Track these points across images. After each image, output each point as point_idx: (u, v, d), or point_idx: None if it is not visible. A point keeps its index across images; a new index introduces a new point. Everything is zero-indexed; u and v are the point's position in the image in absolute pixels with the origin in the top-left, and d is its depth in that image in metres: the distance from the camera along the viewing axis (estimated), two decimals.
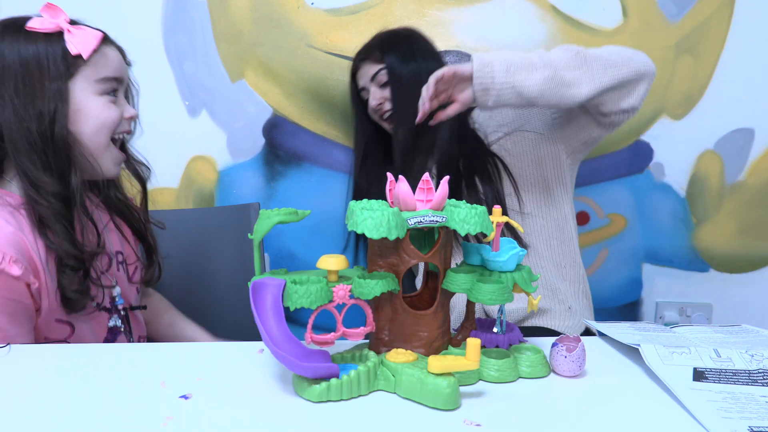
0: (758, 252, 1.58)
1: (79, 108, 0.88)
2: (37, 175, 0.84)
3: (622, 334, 0.77)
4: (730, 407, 0.59)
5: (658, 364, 0.67)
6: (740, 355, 0.69)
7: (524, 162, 1.20)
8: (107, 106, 0.91)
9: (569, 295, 1.18)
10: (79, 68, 0.88)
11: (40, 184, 0.84)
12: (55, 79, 0.86)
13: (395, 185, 0.68)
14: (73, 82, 0.88)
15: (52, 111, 0.85)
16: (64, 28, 0.88)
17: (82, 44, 0.88)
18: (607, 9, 1.47)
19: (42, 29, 0.87)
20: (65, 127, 0.86)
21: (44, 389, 0.64)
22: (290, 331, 0.62)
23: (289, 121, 1.48)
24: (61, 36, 0.88)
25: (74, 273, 0.86)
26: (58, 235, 0.85)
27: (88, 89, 0.89)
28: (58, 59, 0.86)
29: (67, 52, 0.87)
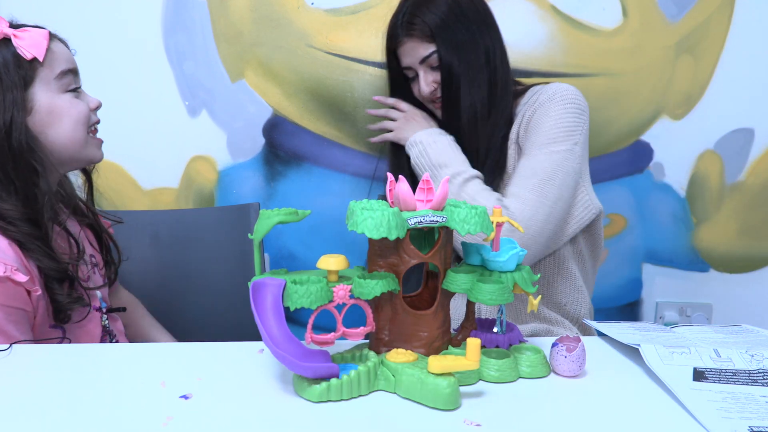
0: (758, 252, 1.58)
1: (49, 110, 0.86)
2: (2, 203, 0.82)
3: (622, 334, 0.77)
4: (730, 407, 0.59)
5: (658, 364, 0.67)
6: (740, 355, 0.69)
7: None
8: (74, 103, 0.89)
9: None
10: (35, 72, 0.85)
11: (3, 212, 0.82)
12: (10, 89, 0.83)
13: (395, 185, 0.68)
14: (33, 88, 0.85)
15: (7, 123, 0.82)
16: (9, 34, 0.84)
17: (33, 46, 0.85)
18: (607, 9, 1.47)
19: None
20: (25, 136, 0.83)
21: (44, 389, 0.64)
22: (290, 331, 0.62)
23: (289, 121, 1.48)
24: (9, 43, 0.84)
25: (60, 285, 0.86)
26: (36, 254, 0.83)
27: (51, 89, 0.87)
28: (10, 68, 0.83)
29: (19, 59, 0.84)
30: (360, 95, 1.47)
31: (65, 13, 1.41)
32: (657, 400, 0.63)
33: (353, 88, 1.47)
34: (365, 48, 1.46)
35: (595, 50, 1.48)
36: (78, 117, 0.89)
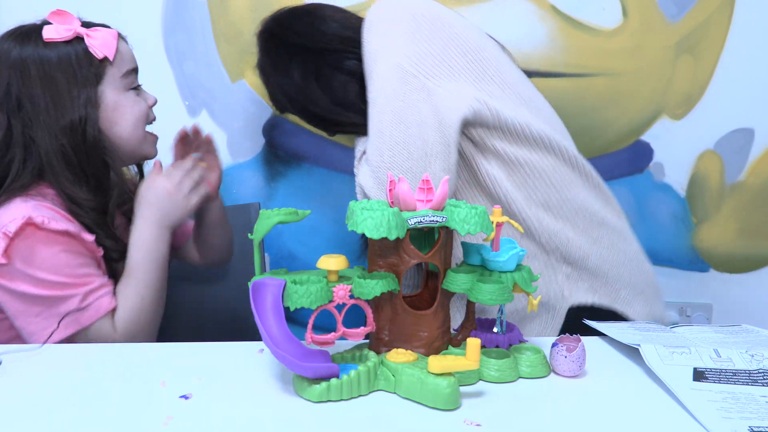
0: (758, 252, 1.58)
1: (115, 108, 0.91)
2: (76, 193, 0.88)
3: (622, 334, 0.77)
4: (731, 407, 0.59)
5: (658, 364, 0.67)
6: (740, 355, 0.69)
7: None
8: (136, 101, 0.94)
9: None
10: (105, 70, 0.90)
11: (79, 201, 0.88)
12: (84, 86, 0.87)
13: (395, 185, 0.68)
14: (102, 86, 0.90)
15: (83, 119, 0.87)
16: (82, 33, 0.89)
17: (105, 46, 0.89)
18: (607, 9, 1.47)
19: (61, 38, 0.87)
20: (97, 131, 0.88)
21: (44, 389, 0.64)
22: (290, 331, 0.62)
23: (289, 121, 1.48)
24: (81, 41, 0.88)
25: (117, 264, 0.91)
26: (100, 237, 0.89)
27: (117, 88, 0.91)
28: (83, 66, 0.88)
29: (91, 57, 0.88)
30: None
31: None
32: (657, 400, 0.63)
33: None
34: None
35: (595, 50, 1.48)
36: (139, 114, 0.94)
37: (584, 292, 1.02)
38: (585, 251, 1.01)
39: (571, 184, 1.02)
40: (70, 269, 0.85)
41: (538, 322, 1.02)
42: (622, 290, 1.04)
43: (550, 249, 1.00)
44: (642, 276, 1.08)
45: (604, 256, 1.03)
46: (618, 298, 1.04)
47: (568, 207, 1.01)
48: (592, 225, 1.03)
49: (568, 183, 1.02)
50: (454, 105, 0.94)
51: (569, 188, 1.02)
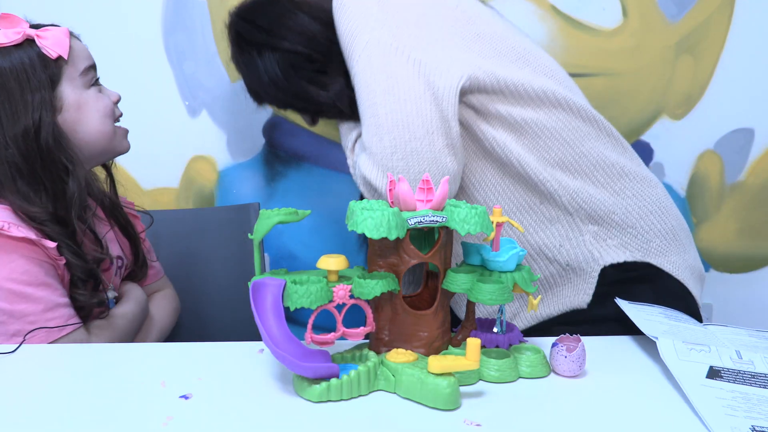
0: (758, 252, 1.58)
1: (78, 107, 0.88)
2: (27, 207, 0.83)
3: (648, 322, 0.75)
4: (738, 406, 0.58)
5: (673, 359, 0.66)
6: (763, 359, 0.67)
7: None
8: (99, 97, 0.91)
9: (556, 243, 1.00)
10: (62, 70, 0.87)
11: (32, 214, 0.83)
12: (38, 90, 0.84)
13: (395, 185, 0.68)
14: (61, 87, 0.87)
15: (36, 122, 0.83)
16: (32, 35, 0.85)
17: (57, 45, 0.86)
18: (607, 9, 1.47)
19: (10, 42, 0.84)
20: (53, 136, 0.84)
21: (44, 389, 0.64)
22: (290, 331, 0.62)
23: (289, 121, 1.48)
24: (33, 44, 0.85)
25: (84, 284, 0.87)
26: (65, 252, 0.85)
27: (77, 86, 0.89)
28: (37, 69, 0.84)
29: (45, 59, 0.85)
30: None
31: (65, 13, 1.41)
32: (658, 399, 0.63)
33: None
34: None
35: (595, 50, 1.48)
36: (105, 110, 0.91)
37: (615, 249, 0.96)
38: (609, 206, 0.96)
39: (585, 138, 0.96)
40: (29, 278, 0.81)
41: (569, 288, 0.98)
42: (653, 240, 0.98)
43: (573, 210, 0.95)
44: (672, 220, 1.02)
45: (629, 208, 0.97)
46: (650, 250, 0.98)
47: (585, 162, 0.96)
48: (612, 177, 0.97)
49: (581, 137, 0.96)
50: (447, 73, 0.89)
51: (583, 142, 0.96)
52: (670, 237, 1.00)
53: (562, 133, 0.95)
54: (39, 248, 0.83)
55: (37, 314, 0.81)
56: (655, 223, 0.99)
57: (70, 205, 0.86)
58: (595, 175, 0.97)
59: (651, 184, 1.03)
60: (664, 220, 1.00)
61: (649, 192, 1.01)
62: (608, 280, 0.96)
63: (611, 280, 0.96)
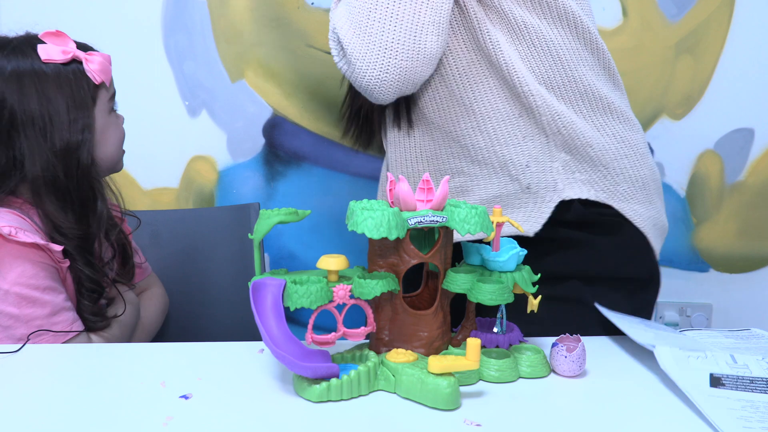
0: (758, 252, 1.58)
1: (103, 131, 0.90)
2: (61, 220, 0.85)
3: (635, 330, 0.76)
4: (750, 416, 0.58)
5: (673, 368, 0.66)
6: (757, 362, 0.68)
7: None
8: (116, 122, 0.94)
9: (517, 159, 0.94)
10: (98, 94, 0.89)
11: (64, 229, 0.85)
12: (81, 109, 0.86)
13: (395, 185, 0.68)
14: (95, 109, 0.89)
15: (79, 143, 0.85)
16: (81, 57, 0.87)
17: (102, 71, 0.89)
18: (607, 9, 1.47)
19: (59, 60, 0.85)
20: (90, 156, 0.87)
21: (44, 389, 0.64)
22: (290, 331, 0.62)
23: (289, 121, 1.48)
24: (79, 64, 0.87)
25: (91, 295, 0.88)
26: (80, 265, 0.86)
27: (105, 110, 0.91)
28: (82, 88, 0.86)
29: (88, 80, 0.87)
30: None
31: (65, 13, 1.41)
32: (658, 399, 0.63)
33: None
34: None
35: None
36: (121, 136, 0.95)
37: (580, 185, 0.93)
38: (588, 138, 0.92)
39: (581, 63, 0.92)
40: (37, 282, 0.82)
41: (521, 212, 0.93)
42: (622, 184, 0.95)
43: (551, 132, 0.91)
44: (646, 169, 0.98)
45: (607, 146, 0.94)
46: (616, 193, 0.94)
47: (574, 87, 0.92)
48: (598, 110, 0.94)
49: (578, 61, 0.92)
50: None
51: (577, 67, 0.92)
52: (639, 185, 0.97)
53: (559, 51, 0.91)
54: (45, 252, 0.83)
55: (43, 318, 0.82)
56: (628, 168, 0.96)
57: (100, 223, 0.88)
58: (582, 103, 0.93)
59: (634, 128, 0.99)
60: (638, 167, 0.97)
61: (631, 135, 0.97)
62: (567, 218, 0.93)
63: (570, 220, 0.93)
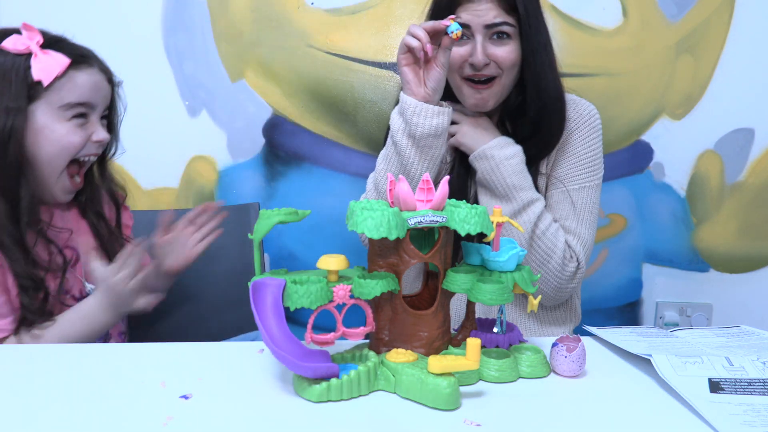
0: (758, 252, 1.58)
1: (40, 130, 0.88)
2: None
3: (628, 342, 0.76)
4: (753, 420, 0.58)
5: (672, 375, 0.66)
6: (752, 363, 0.68)
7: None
8: (71, 131, 0.91)
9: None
10: (41, 93, 0.88)
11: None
12: (15, 99, 0.86)
13: (395, 185, 0.68)
14: (35, 105, 0.88)
15: (8, 128, 0.85)
16: (33, 51, 0.87)
17: (44, 70, 0.88)
18: (607, 9, 1.47)
19: (13, 49, 0.87)
20: (20, 146, 0.86)
21: (44, 389, 0.64)
22: (290, 331, 0.62)
23: (289, 121, 1.48)
24: (29, 58, 0.87)
25: (34, 293, 0.87)
26: (15, 258, 0.86)
27: (52, 114, 0.89)
28: (20, 80, 0.87)
29: (30, 76, 0.87)
30: (360, 95, 1.47)
31: (66, 13, 1.41)
32: (658, 399, 0.63)
33: (353, 88, 1.47)
34: (365, 48, 1.46)
35: (595, 50, 1.48)
36: (65, 145, 0.91)
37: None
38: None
39: None
40: None
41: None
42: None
43: None
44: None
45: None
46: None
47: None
48: None
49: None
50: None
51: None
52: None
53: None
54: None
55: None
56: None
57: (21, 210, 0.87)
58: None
59: None
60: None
61: None
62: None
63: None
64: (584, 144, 1.09)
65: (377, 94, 1.47)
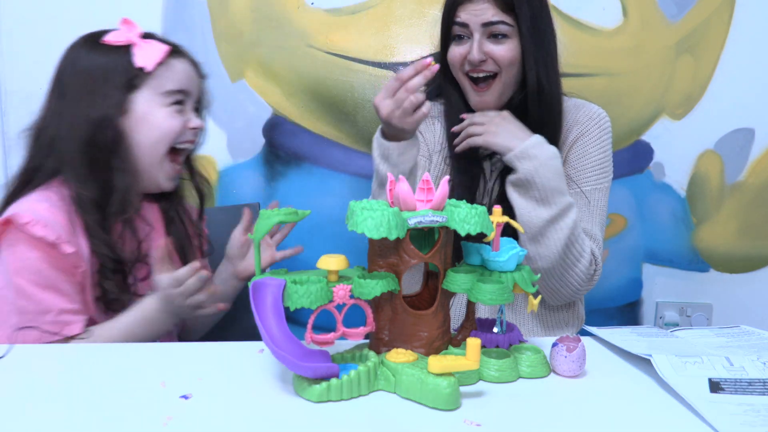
0: (758, 252, 1.58)
1: (142, 117, 0.92)
2: (79, 188, 0.89)
3: (628, 342, 0.76)
4: (753, 420, 0.58)
5: (672, 375, 0.66)
6: (752, 363, 0.68)
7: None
8: (170, 116, 0.95)
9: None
10: (143, 80, 0.92)
11: (81, 195, 0.89)
12: (117, 89, 0.90)
13: (395, 185, 0.68)
14: (137, 94, 0.92)
15: (107, 118, 0.90)
16: (133, 42, 0.93)
17: (147, 57, 0.92)
18: (607, 9, 1.47)
19: (114, 42, 0.92)
20: (116, 135, 0.90)
21: (44, 389, 0.64)
22: (290, 331, 0.62)
23: (289, 121, 1.48)
24: (130, 49, 0.92)
25: (113, 276, 0.91)
26: (99, 241, 0.90)
27: (154, 100, 0.93)
28: (122, 70, 0.91)
29: (132, 65, 0.91)
30: (360, 95, 1.47)
31: (66, 13, 1.41)
32: (658, 399, 0.63)
33: (353, 88, 1.47)
34: (365, 48, 1.46)
35: (595, 50, 1.48)
36: (166, 131, 0.95)
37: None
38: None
39: None
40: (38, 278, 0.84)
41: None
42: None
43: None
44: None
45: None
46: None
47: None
48: None
49: None
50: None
51: None
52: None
53: None
54: (58, 252, 0.85)
55: (33, 314, 0.84)
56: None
57: (122, 203, 0.91)
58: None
59: None
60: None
61: None
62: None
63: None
64: (595, 145, 1.09)
65: (377, 93, 1.47)
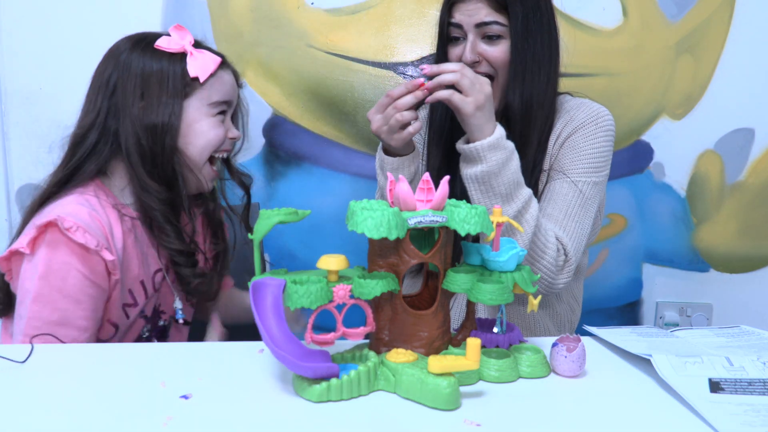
0: (758, 252, 1.58)
1: (190, 125, 0.95)
2: (148, 183, 0.92)
3: (628, 342, 0.76)
4: (753, 420, 0.58)
5: (672, 375, 0.66)
6: (752, 363, 0.68)
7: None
8: (215, 126, 0.97)
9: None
10: (195, 89, 0.94)
11: (150, 190, 0.92)
12: (172, 96, 0.92)
13: (395, 185, 0.68)
14: (188, 102, 0.94)
15: (165, 125, 0.92)
16: (187, 51, 0.94)
17: (201, 68, 0.94)
18: (607, 9, 1.47)
19: (168, 49, 0.93)
20: (174, 141, 0.93)
21: (45, 389, 0.64)
22: (290, 331, 0.62)
23: (289, 121, 1.48)
24: (184, 57, 0.94)
25: (188, 266, 0.96)
26: (169, 236, 0.94)
27: (201, 110, 0.95)
28: (177, 78, 0.93)
29: (186, 73, 0.93)
30: (360, 95, 1.47)
31: (66, 13, 1.41)
32: (658, 399, 0.63)
33: (353, 88, 1.47)
34: (365, 48, 1.46)
35: (595, 50, 1.48)
36: (211, 140, 0.97)
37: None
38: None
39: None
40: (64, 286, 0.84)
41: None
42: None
43: None
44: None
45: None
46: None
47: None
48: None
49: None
50: None
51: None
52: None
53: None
54: (97, 259, 0.86)
55: (47, 321, 0.84)
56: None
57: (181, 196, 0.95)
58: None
59: None
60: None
61: None
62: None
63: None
64: (587, 140, 1.07)
65: (377, 94, 1.47)
